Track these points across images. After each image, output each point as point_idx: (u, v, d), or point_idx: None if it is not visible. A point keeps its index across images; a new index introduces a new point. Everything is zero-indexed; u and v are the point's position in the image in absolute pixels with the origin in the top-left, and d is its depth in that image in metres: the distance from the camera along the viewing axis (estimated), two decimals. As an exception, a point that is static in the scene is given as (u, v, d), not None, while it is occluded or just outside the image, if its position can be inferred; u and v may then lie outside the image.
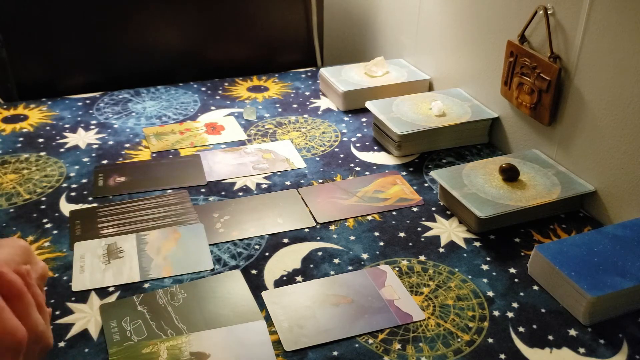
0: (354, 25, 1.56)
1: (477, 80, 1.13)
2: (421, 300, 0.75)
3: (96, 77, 1.31)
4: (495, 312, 0.73)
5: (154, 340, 0.68)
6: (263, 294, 0.75)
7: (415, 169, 1.02)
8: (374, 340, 0.69)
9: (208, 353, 0.67)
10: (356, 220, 0.89)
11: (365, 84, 1.22)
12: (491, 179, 0.91)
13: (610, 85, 0.84)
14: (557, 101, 0.93)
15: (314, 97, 1.28)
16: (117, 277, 0.78)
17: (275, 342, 0.69)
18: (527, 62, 0.96)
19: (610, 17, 0.82)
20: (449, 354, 0.67)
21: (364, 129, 1.15)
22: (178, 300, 0.74)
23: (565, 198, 0.88)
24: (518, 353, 0.68)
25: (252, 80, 1.35)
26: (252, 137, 1.12)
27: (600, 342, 0.69)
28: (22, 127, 1.14)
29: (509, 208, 0.85)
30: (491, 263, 0.81)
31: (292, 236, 0.86)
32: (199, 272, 0.79)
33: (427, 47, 1.26)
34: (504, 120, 1.07)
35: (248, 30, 1.39)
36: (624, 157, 0.84)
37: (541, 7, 0.92)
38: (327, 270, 0.80)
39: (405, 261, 0.81)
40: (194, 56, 1.37)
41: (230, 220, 0.89)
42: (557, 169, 0.94)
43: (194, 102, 1.25)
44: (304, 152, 1.07)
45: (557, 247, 0.77)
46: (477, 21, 1.09)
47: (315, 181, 0.99)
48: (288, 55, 1.46)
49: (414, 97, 1.15)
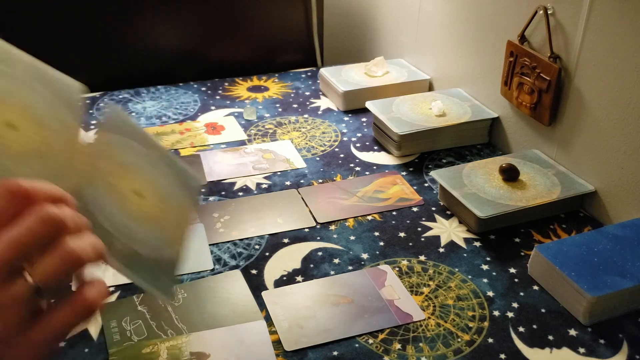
0: (354, 25, 1.56)
1: (477, 80, 1.13)
2: (421, 300, 0.75)
3: (96, 77, 1.31)
4: (495, 312, 0.73)
5: (154, 340, 0.68)
6: (263, 294, 0.75)
7: (415, 169, 1.02)
8: (374, 340, 0.69)
9: (208, 353, 0.67)
10: (356, 220, 0.89)
11: (365, 84, 1.22)
12: (491, 179, 0.91)
13: (610, 85, 0.84)
14: (557, 101, 0.93)
15: (314, 97, 1.28)
16: (117, 277, 0.77)
17: (275, 342, 0.69)
18: (527, 62, 0.96)
19: (610, 17, 0.82)
20: (449, 354, 0.67)
21: (364, 129, 1.15)
22: (178, 300, 0.74)
23: (565, 198, 0.88)
24: (518, 353, 0.68)
25: (252, 80, 1.35)
26: (252, 137, 1.12)
27: (600, 342, 0.69)
28: (22, 127, 1.14)
29: (509, 208, 0.85)
30: (491, 263, 0.81)
31: (292, 236, 0.86)
32: (199, 272, 0.79)
33: (427, 47, 1.26)
34: (504, 120, 1.07)
35: (248, 30, 1.39)
36: (624, 157, 0.84)
37: (541, 7, 0.92)
38: (327, 270, 0.80)
39: (405, 261, 0.81)
40: (194, 56, 1.37)
41: (230, 220, 0.89)
42: (557, 169, 0.94)
43: (194, 102, 1.25)
44: (304, 152, 1.07)
45: (557, 247, 0.77)
46: (477, 21, 1.09)
47: (315, 181, 0.99)
48: (288, 55, 1.46)
49: (414, 97, 1.15)
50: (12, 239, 0.34)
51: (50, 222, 0.35)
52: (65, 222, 0.36)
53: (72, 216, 0.37)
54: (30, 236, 0.34)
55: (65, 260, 0.36)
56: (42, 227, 0.35)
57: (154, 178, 0.44)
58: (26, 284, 0.34)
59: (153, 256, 0.43)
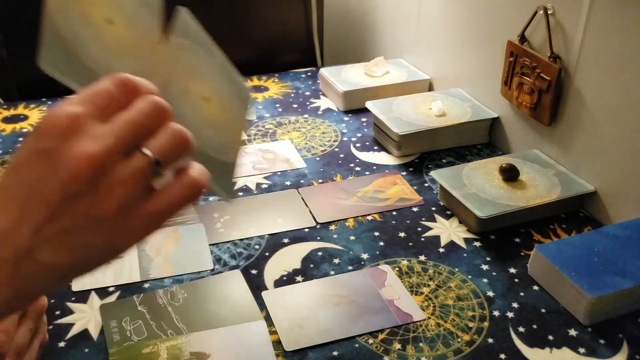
0: (354, 25, 1.56)
1: (477, 80, 1.13)
2: (421, 300, 0.75)
3: (96, 77, 1.31)
4: (495, 312, 0.73)
5: (154, 340, 0.68)
6: (263, 294, 0.75)
7: (415, 169, 1.02)
8: (374, 340, 0.69)
9: (208, 353, 0.67)
10: (356, 220, 0.89)
11: (365, 84, 1.22)
12: (491, 179, 0.91)
13: (610, 85, 0.84)
14: (557, 101, 0.93)
15: (314, 97, 1.28)
16: (117, 277, 0.78)
17: (275, 342, 0.69)
18: (527, 62, 0.96)
19: (610, 17, 0.82)
20: (449, 354, 0.67)
21: (364, 129, 1.15)
22: (178, 300, 0.74)
23: (565, 198, 0.88)
24: (518, 353, 0.68)
25: (252, 80, 1.35)
26: (252, 137, 1.12)
27: (600, 342, 0.69)
28: (23, 127, 1.14)
29: (509, 208, 0.85)
30: (491, 263, 0.81)
31: (292, 236, 0.86)
32: (199, 272, 0.79)
33: (427, 47, 1.26)
34: (504, 120, 1.07)
35: (248, 31, 1.39)
36: (624, 157, 0.84)
37: (541, 7, 0.92)
38: (327, 270, 0.80)
39: (405, 261, 0.81)
40: (194, 56, 1.37)
41: (230, 220, 0.89)
42: (557, 169, 0.94)
43: (194, 102, 1.24)
44: (304, 152, 1.07)
45: (557, 247, 0.77)
46: (477, 21, 1.09)
47: (315, 181, 0.99)
48: (288, 55, 1.46)
49: (414, 97, 1.15)
50: (130, 119, 0.38)
51: (160, 107, 0.39)
52: (170, 109, 0.40)
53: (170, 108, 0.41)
54: (144, 117, 0.38)
55: (177, 137, 0.39)
56: (154, 111, 0.39)
57: (218, 85, 0.48)
58: (145, 159, 0.38)
59: (219, 158, 0.47)
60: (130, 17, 0.44)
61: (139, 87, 0.40)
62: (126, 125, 0.38)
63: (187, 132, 0.40)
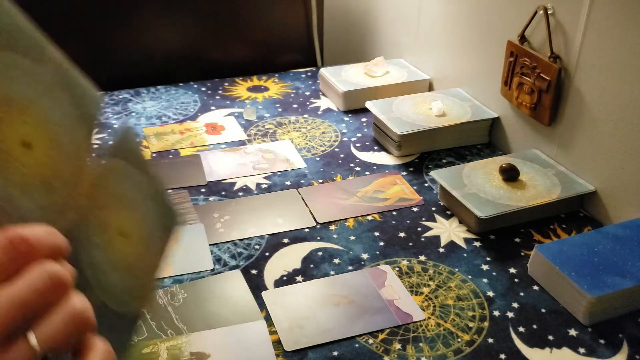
0: (354, 25, 1.56)
1: (477, 80, 1.13)
2: (421, 300, 0.75)
3: (96, 77, 1.31)
4: (495, 312, 0.73)
5: (154, 340, 0.68)
6: (263, 294, 0.75)
7: (415, 169, 1.02)
8: (374, 340, 0.69)
9: (208, 353, 0.67)
10: (356, 220, 0.89)
11: (365, 84, 1.22)
12: (491, 179, 0.91)
13: (610, 85, 0.84)
14: (557, 101, 0.93)
15: (314, 97, 1.28)
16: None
17: (275, 342, 0.69)
18: (527, 62, 0.96)
19: (610, 17, 0.82)
20: (449, 354, 0.67)
21: (364, 129, 1.15)
22: (178, 300, 0.74)
23: (565, 198, 0.88)
24: (518, 353, 0.68)
25: (252, 80, 1.35)
26: (252, 137, 1.12)
27: (600, 342, 0.69)
28: None
29: (509, 208, 0.85)
30: (491, 263, 0.81)
31: (292, 236, 0.86)
32: (199, 272, 0.79)
33: (427, 47, 1.26)
34: (504, 120, 1.07)
35: (248, 30, 1.39)
36: (624, 157, 0.84)
37: (541, 7, 0.92)
38: (327, 270, 0.80)
39: (405, 261, 0.81)
40: (194, 56, 1.37)
41: (230, 220, 0.89)
42: (557, 169, 0.94)
43: (194, 102, 1.25)
44: (304, 152, 1.07)
45: (557, 247, 0.77)
46: (477, 21, 1.09)
47: (315, 181, 0.99)
48: (288, 55, 1.46)
49: (414, 97, 1.15)
50: (15, 297, 0.30)
51: (57, 280, 0.31)
52: (70, 281, 0.32)
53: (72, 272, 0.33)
54: (35, 294, 0.31)
55: (74, 319, 0.32)
56: (49, 286, 0.31)
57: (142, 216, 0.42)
58: (30, 350, 0.30)
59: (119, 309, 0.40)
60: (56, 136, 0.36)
61: (35, 247, 0.31)
62: (10, 304, 0.30)
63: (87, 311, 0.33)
